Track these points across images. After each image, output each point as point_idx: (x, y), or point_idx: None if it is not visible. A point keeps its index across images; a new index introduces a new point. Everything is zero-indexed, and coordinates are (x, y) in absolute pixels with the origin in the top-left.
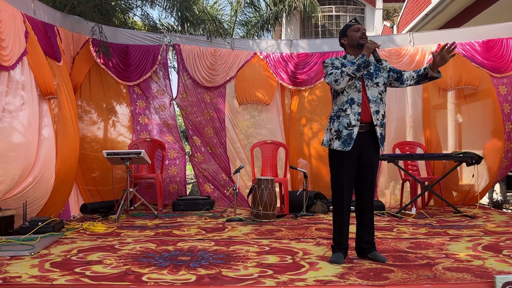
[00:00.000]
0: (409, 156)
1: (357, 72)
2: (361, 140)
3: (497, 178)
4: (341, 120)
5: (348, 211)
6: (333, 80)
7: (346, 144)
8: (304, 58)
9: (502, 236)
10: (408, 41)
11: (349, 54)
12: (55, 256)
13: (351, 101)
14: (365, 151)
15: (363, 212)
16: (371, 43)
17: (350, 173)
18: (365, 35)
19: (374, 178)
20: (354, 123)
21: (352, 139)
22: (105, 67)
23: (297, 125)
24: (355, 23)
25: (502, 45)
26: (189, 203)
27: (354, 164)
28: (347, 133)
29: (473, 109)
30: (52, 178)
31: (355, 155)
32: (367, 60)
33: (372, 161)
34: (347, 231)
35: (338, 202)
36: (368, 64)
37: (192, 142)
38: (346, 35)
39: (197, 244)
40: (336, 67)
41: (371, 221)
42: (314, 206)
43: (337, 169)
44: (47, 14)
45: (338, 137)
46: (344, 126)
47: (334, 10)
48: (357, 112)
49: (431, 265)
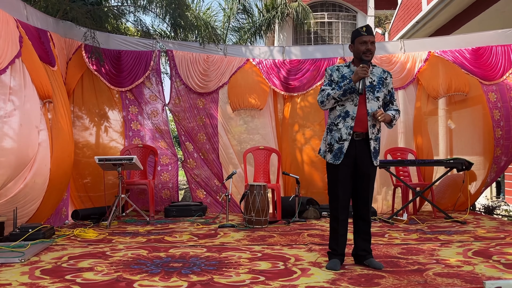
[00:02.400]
0: (400, 162)
1: (343, 97)
2: (357, 149)
3: (487, 183)
4: (333, 134)
5: (345, 217)
6: (319, 101)
7: (336, 158)
8: (296, 64)
9: (492, 241)
10: (399, 48)
11: (352, 65)
12: (46, 263)
13: (345, 114)
14: (361, 160)
15: (358, 220)
16: (362, 70)
17: (345, 181)
18: (370, 51)
19: (370, 187)
20: (345, 137)
21: (342, 153)
22: (98, 73)
23: (290, 131)
24: (364, 34)
25: (491, 53)
26: (181, 209)
27: (350, 172)
28: (337, 147)
29: (463, 116)
30: (46, 183)
31: (351, 163)
32: (354, 86)
33: (368, 170)
34: (344, 237)
35: (333, 209)
36: (354, 90)
37: (184, 148)
38: (353, 42)
39: (189, 251)
40: (331, 81)
41: (368, 229)
42: (307, 212)
43: (332, 177)
44: (39, 20)
45: (330, 150)
46: (335, 140)
47: (326, 17)
48: (349, 126)
49: (422, 271)
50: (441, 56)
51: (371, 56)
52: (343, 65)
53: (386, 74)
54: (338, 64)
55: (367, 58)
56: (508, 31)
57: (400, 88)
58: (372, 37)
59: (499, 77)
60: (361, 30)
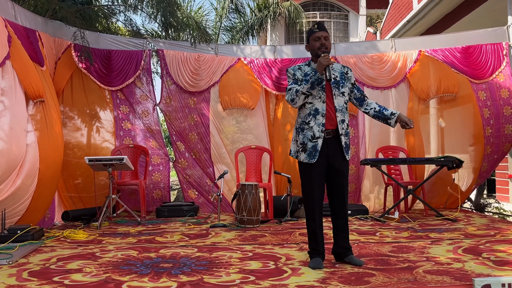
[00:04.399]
0: (391, 160)
1: (312, 90)
2: (329, 146)
3: (477, 181)
4: (305, 132)
5: (320, 216)
6: (289, 99)
7: (311, 157)
8: (288, 63)
9: (482, 239)
10: (390, 47)
11: (312, 62)
12: (34, 265)
13: (315, 111)
14: (334, 157)
15: (336, 217)
16: (325, 59)
17: (319, 180)
18: (324, 45)
19: (345, 183)
20: (318, 134)
21: (317, 151)
22: (87, 72)
23: (282, 130)
24: (316, 30)
25: (481, 52)
26: (173, 210)
27: (323, 170)
28: (311, 146)
29: (454, 114)
30: (35, 183)
31: (324, 162)
32: (321, 77)
33: (341, 167)
34: (322, 236)
35: (310, 210)
36: (322, 81)
37: (176, 148)
38: (308, 41)
39: (180, 251)
40: (296, 79)
41: (345, 226)
42: (299, 211)
43: (306, 177)
44: (28, 19)
45: (304, 149)
46: (308, 138)
47: (318, 16)
48: (321, 123)
49: (412, 268)
50: (431, 56)
51: (327, 51)
52: (303, 64)
53: (346, 69)
54: (298, 64)
55: (323, 52)
56: (498, 30)
57: (391, 87)
58: (325, 33)
59: (489, 76)
60: (313, 28)
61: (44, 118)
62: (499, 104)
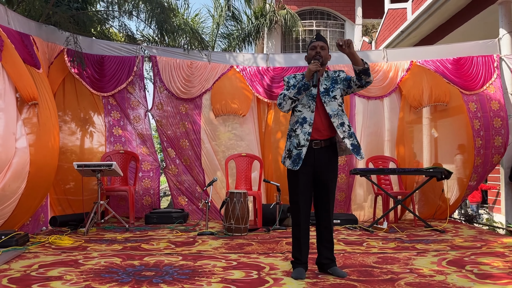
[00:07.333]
0: (381, 170)
1: (299, 95)
2: (316, 158)
3: (467, 192)
4: (292, 140)
5: (306, 225)
6: (278, 104)
7: (295, 164)
8: (280, 72)
9: (468, 251)
10: (382, 57)
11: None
12: (15, 271)
13: (303, 120)
14: (320, 169)
15: (321, 228)
16: (313, 65)
17: (305, 189)
18: (319, 54)
19: (330, 196)
20: (303, 143)
21: (300, 159)
22: (79, 77)
23: (273, 138)
24: (314, 40)
25: (472, 63)
26: (162, 216)
27: (309, 181)
28: (296, 153)
29: (445, 125)
30: (22, 186)
31: (310, 172)
32: (307, 83)
33: (327, 179)
34: (306, 245)
35: (296, 217)
36: (308, 87)
37: (166, 154)
38: (307, 51)
39: (164, 259)
40: (289, 86)
41: (330, 237)
42: (287, 219)
43: (292, 185)
44: (21, 24)
45: (289, 156)
46: (294, 146)
47: (315, 25)
48: (307, 132)
49: (394, 280)
50: (423, 66)
51: (322, 60)
52: (299, 74)
53: (338, 72)
54: (295, 73)
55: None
56: (489, 42)
57: (383, 97)
58: (321, 43)
59: (480, 87)
60: (313, 38)
61: (40, 120)
62: (489, 116)
